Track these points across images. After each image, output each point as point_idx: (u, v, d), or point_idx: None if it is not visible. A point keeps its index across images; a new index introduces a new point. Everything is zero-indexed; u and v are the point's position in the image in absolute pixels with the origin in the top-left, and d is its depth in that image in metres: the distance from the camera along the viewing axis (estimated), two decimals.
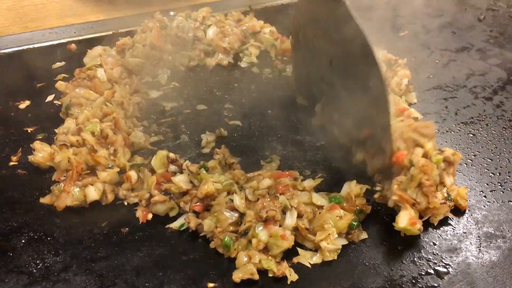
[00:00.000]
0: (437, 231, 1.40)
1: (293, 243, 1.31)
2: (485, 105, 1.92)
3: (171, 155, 1.49)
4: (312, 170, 1.61)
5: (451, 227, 1.41)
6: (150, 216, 1.43)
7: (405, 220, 1.34)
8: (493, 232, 1.40)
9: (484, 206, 1.48)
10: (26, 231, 1.39)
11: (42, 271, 1.28)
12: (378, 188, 1.50)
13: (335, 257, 1.32)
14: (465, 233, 1.40)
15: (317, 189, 1.50)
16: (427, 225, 1.40)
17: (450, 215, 1.43)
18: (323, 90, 1.71)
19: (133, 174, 1.49)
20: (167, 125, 1.81)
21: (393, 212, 1.40)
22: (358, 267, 1.30)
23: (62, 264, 1.30)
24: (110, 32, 2.33)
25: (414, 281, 1.26)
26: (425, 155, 1.40)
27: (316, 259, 1.31)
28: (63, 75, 2.05)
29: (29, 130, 1.77)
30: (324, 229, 1.32)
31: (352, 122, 1.58)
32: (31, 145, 1.59)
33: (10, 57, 2.16)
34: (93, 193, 1.44)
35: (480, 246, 1.35)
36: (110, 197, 1.47)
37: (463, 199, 1.44)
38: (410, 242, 1.36)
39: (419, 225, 1.34)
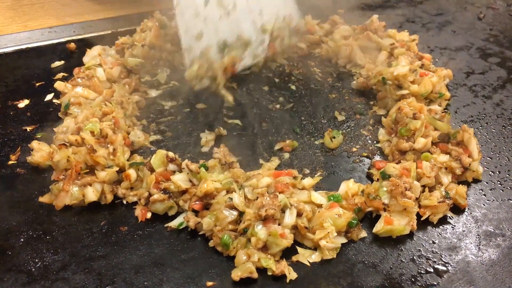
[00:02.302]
0: (436, 229, 1.40)
1: (292, 242, 1.31)
2: (485, 104, 1.92)
3: (171, 154, 1.49)
4: (311, 168, 1.61)
5: (451, 225, 1.41)
6: (149, 215, 1.43)
7: (380, 224, 1.36)
8: (492, 230, 1.39)
9: (484, 205, 1.48)
10: (25, 230, 1.39)
11: (41, 270, 1.28)
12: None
13: (334, 256, 1.32)
14: (464, 231, 1.39)
15: (316, 188, 1.50)
16: (426, 223, 1.40)
17: (450, 214, 1.44)
18: None
19: (132, 173, 1.49)
20: (166, 124, 1.81)
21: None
22: (357, 265, 1.30)
23: (61, 262, 1.30)
24: (110, 32, 2.33)
25: (413, 279, 1.26)
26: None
27: (315, 257, 1.31)
28: (62, 74, 2.04)
29: (28, 129, 1.76)
30: (323, 227, 1.32)
31: None
32: (29, 145, 1.59)
33: (9, 56, 2.16)
34: (91, 195, 1.43)
35: (479, 245, 1.35)
36: (109, 197, 1.47)
37: (463, 198, 1.44)
38: (410, 241, 1.36)
39: (403, 223, 1.35)
